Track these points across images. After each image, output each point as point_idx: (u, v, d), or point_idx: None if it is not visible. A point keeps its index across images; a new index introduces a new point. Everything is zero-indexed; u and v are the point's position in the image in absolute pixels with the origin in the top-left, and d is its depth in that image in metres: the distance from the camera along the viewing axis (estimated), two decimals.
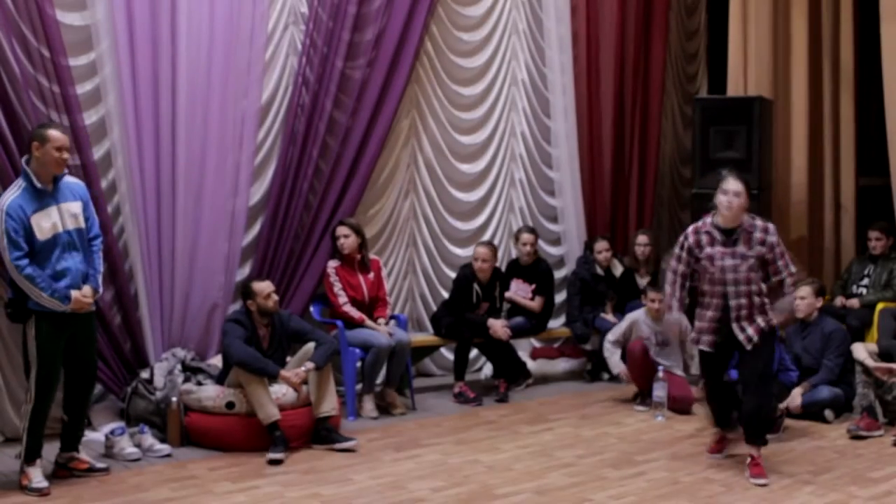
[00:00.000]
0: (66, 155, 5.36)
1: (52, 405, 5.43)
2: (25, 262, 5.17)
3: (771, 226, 5.73)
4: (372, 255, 7.63)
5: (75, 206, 5.42)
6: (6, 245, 5.15)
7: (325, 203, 7.52)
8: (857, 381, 6.81)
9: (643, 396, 7.42)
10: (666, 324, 7.02)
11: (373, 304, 7.44)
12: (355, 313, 7.25)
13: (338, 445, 6.20)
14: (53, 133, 5.29)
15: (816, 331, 7.04)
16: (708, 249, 5.70)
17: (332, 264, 7.38)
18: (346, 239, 7.34)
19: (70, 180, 5.49)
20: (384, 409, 7.23)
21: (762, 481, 5.56)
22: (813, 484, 5.58)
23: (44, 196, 5.29)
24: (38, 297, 5.21)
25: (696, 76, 10.55)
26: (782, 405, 6.73)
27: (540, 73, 9.03)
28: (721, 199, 5.64)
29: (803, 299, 7.00)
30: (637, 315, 7.58)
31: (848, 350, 6.94)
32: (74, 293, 5.32)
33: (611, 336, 7.64)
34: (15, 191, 5.26)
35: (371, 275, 7.48)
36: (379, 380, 7.32)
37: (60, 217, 5.33)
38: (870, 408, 6.68)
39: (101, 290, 5.57)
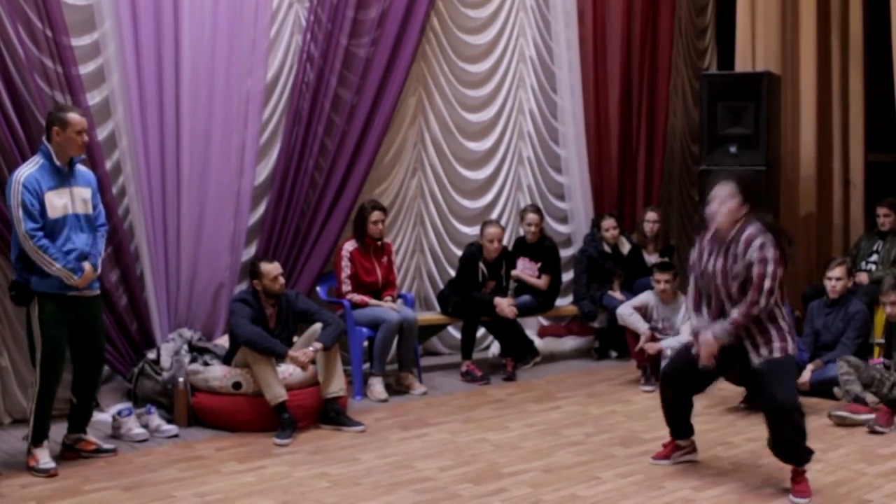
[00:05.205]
0: (86, 137, 5.42)
1: (58, 387, 5.43)
2: (40, 233, 5.18)
3: (757, 241, 4.82)
4: (385, 239, 7.58)
5: (86, 192, 5.46)
6: (22, 216, 5.16)
7: (330, 181, 7.49)
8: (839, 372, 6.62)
9: (648, 376, 7.38)
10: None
11: (383, 288, 7.42)
12: (357, 299, 7.21)
13: (345, 429, 6.20)
14: (73, 116, 5.33)
15: (841, 310, 7.02)
16: (705, 257, 5.06)
17: (349, 247, 7.29)
18: (384, 225, 7.32)
19: (82, 168, 5.53)
20: (402, 392, 7.21)
21: (803, 501, 4.91)
22: (822, 461, 5.55)
23: (59, 176, 5.31)
24: (49, 267, 5.18)
25: (706, 52, 10.46)
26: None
27: (548, 49, 8.97)
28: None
29: (839, 280, 6.99)
30: (649, 297, 7.52)
31: (868, 331, 6.93)
32: (86, 265, 5.33)
33: (626, 307, 7.50)
34: (32, 166, 5.29)
35: (384, 259, 7.45)
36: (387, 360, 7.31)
37: (72, 200, 5.34)
38: (857, 398, 6.54)
39: (99, 270, 5.52)
